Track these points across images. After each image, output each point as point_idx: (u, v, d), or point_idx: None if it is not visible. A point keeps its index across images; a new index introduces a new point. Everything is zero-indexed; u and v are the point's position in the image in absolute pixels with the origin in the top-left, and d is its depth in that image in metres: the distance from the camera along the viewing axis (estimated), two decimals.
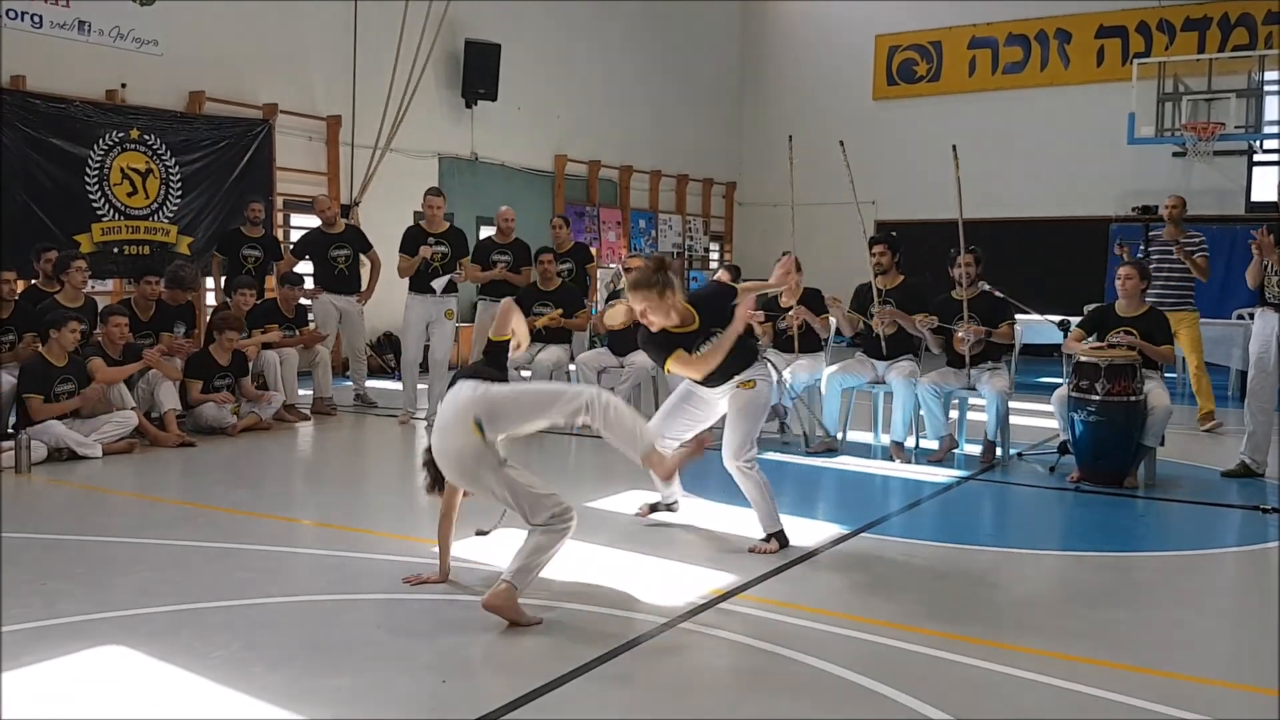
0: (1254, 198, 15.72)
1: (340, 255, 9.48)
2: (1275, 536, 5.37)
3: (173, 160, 10.57)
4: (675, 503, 5.57)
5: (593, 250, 11.21)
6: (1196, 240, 8.59)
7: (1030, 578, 4.76)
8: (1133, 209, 7.83)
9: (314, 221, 12.07)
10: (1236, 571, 4.92)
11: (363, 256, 9.67)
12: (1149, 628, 4.02)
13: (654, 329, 4.76)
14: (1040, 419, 8.39)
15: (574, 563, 4.61)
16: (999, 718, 3.08)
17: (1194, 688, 3.34)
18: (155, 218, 10.43)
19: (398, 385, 9.39)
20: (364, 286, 9.71)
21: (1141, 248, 8.80)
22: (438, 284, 8.42)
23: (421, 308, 8.61)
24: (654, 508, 5.57)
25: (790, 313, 7.73)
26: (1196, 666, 3.53)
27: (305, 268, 9.90)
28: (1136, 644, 3.79)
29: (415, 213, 13.05)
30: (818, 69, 19.15)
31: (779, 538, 4.92)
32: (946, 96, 18.01)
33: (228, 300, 8.77)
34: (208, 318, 8.90)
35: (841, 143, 7.99)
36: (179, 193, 10.62)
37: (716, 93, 19.55)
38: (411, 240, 8.62)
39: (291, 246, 10.30)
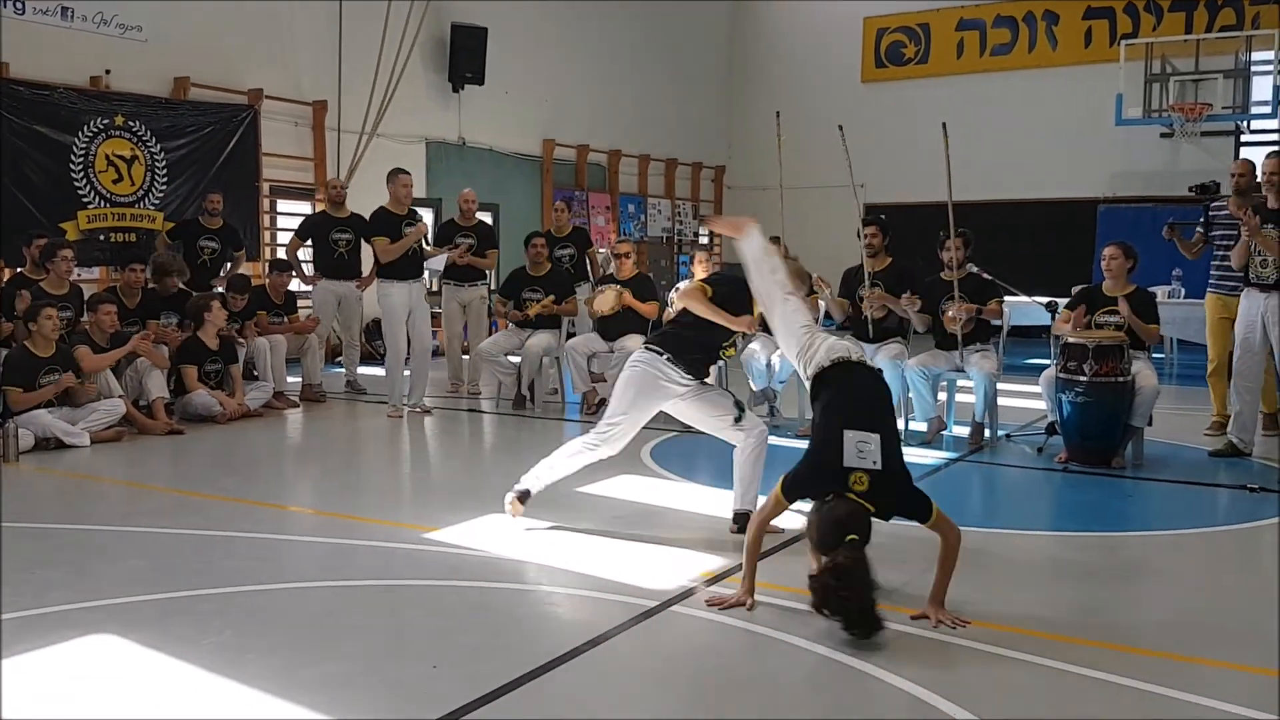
0: None
1: (342, 240, 9.38)
2: (1263, 515, 5.40)
3: (158, 146, 10.49)
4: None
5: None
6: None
7: (1018, 558, 4.78)
8: (1190, 188, 7.35)
9: (301, 207, 11.99)
10: (1225, 551, 4.95)
11: (364, 243, 9.60)
12: (1137, 607, 4.05)
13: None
14: (1028, 400, 8.41)
15: (565, 547, 4.62)
16: (986, 697, 3.10)
17: (1183, 666, 3.36)
18: (141, 205, 10.36)
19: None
20: (364, 273, 9.65)
21: (1198, 229, 7.73)
22: (436, 263, 8.19)
23: (403, 295, 8.19)
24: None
25: None
26: (1185, 645, 3.54)
27: (287, 253, 9.86)
28: (1125, 623, 3.81)
29: None
30: (806, 51, 19.10)
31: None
32: (935, 79, 17.98)
33: (223, 295, 8.67)
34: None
35: (840, 127, 7.94)
36: (165, 179, 10.55)
37: (705, 75, 19.49)
38: (386, 222, 8.21)
39: (295, 228, 10.19)
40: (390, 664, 3.32)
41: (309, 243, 9.67)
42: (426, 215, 11.87)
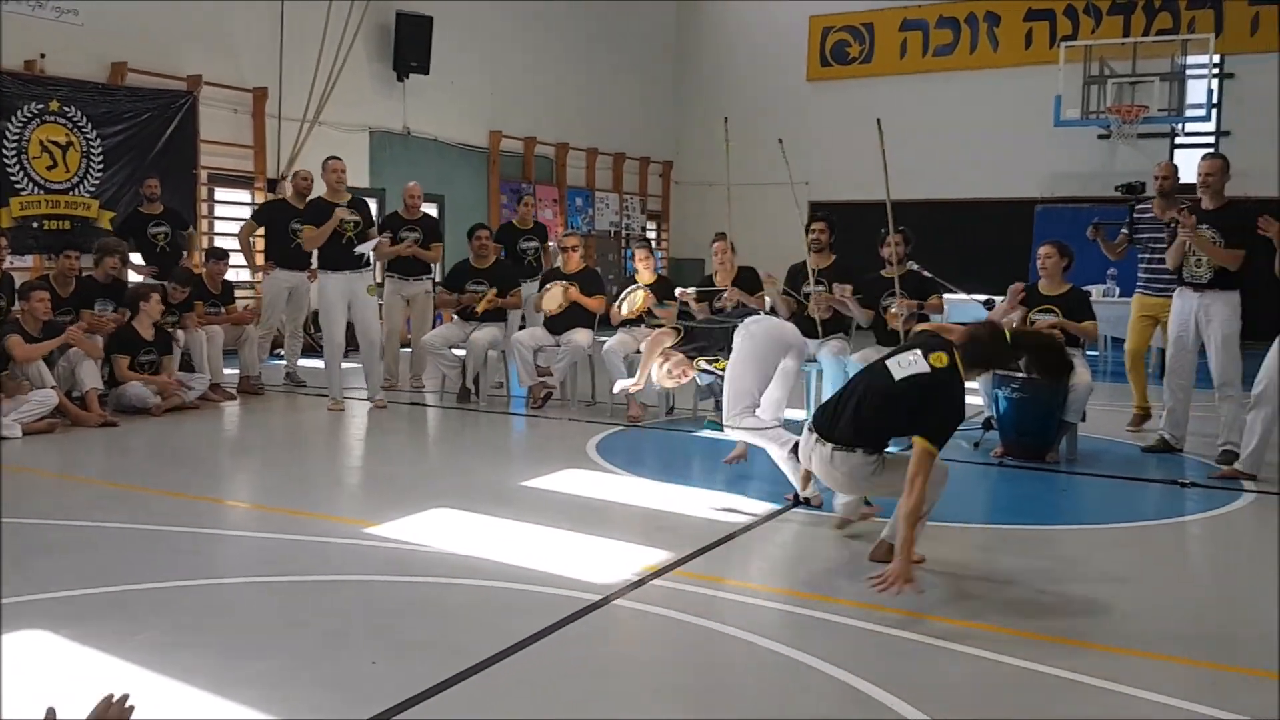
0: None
1: (299, 230, 9.27)
2: (1195, 510, 5.54)
3: (94, 133, 10.28)
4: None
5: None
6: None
7: (954, 551, 4.84)
8: (1116, 188, 7.48)
9: (240, 195, 11.83)
10: (1156, 545, 5.05)
11: None
12: (1070, 600, 4.12)
13: None
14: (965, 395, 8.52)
15: (509, 541, 4.60)
16: (930, 691, 3.14)
17: (1114, 658, 3.41)
18: (76, 192, 10.14)
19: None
20: (315, 264, 9.56)
21: (1122, 231, 7.81)
22: (365, 248, 8.07)
23: (340, 285, 8.04)
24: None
25: (725, 294, 7.76)
26: (1117, 637, 3.61)
27: (228, 242, 9.69)
28: (1058, 615, 3.88)
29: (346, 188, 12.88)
30: (753, 48, 19.21)
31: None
32: (878, 78, 18.17)
33: (164, 286, 8.49)
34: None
35: (780, 140, 7.99)
36: (100, 166, 10.34)
37: (653, 70, 19.51)
38: (318, 211, 8.09)
39: (252, 212, 10.05)
40: (328, 660, 3.29)
41: (261, 230, 9.55)
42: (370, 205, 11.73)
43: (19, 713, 2.91)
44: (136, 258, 9.25)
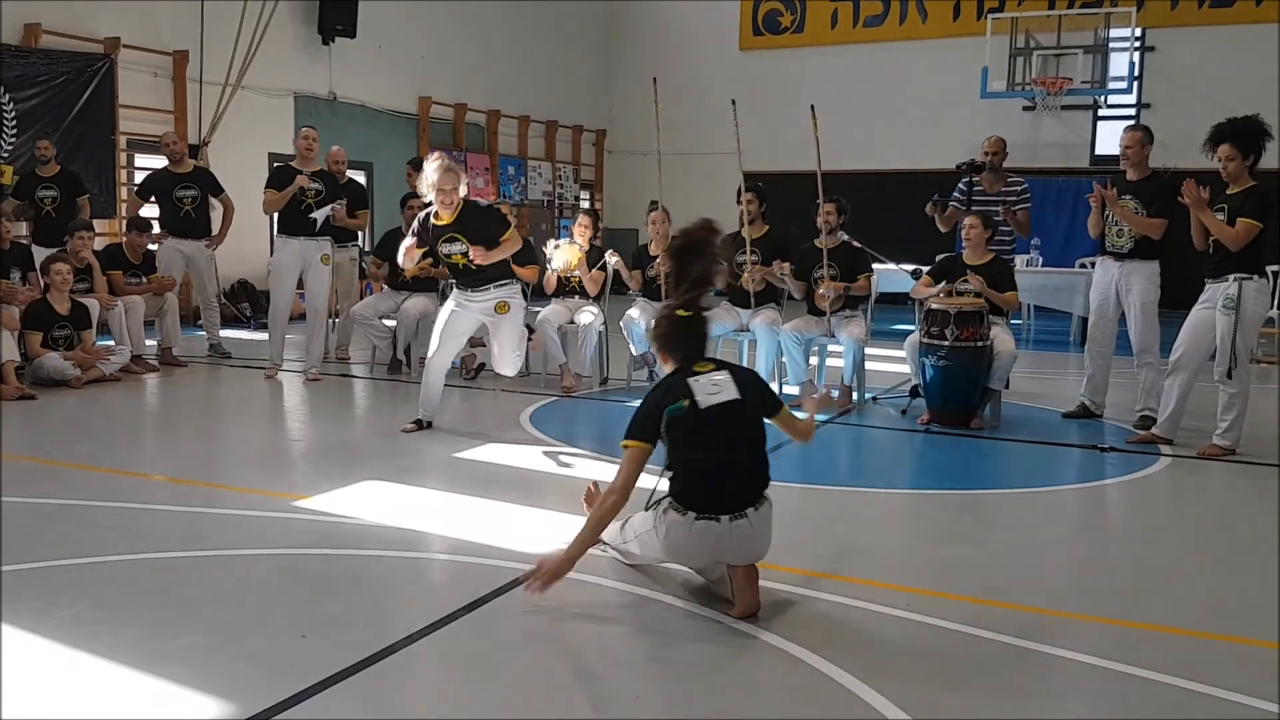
0: (1098, 151, 16.46)
1: (186, 196, 9.10)
2: (1113, 473, 5.70)
3: (6, 97, 9.94)
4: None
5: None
6: (1017, 189, 7.79)
7: (882, 515, 4.94)
8: (958, 166, 7.57)
9: (160, 162, 11.60)
10: (1077, 507, 5.19)
11: (213, 200, 9.30)
12: (995, 562, 4.22)
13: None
14: (894, 364, 8.66)
15: (441, 513, 4.58)
16: (853, 649, 3.19)
17: (1035, 618, 3.51)
18: None
19: (253, 335, 9.07)
20: (214, 231, 9.37)
21: (952, 204, 8.02)
22: (319, 214, 7.97)
23: (294, 251, 7.99)
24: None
25: (658, 260, 7.77)
26: (1039, 598, 3.71)
27: (152, 210, 9.46)
28: (983, 577, 3.97)
29: (270, 154, 12.61)
30: (687, 18, 19.12)
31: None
32: (810, 48, 18.22)
33: (63, 249, 8.26)
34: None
35: (734, 101, 7.98)
36: (14, 131, 10.01)
37: (586, 38, 19.34)
38: (281, 175, 8.02)
39: (135, 188, 9.83)
40: (256, 635, 3.24)
41: (153, 200, 9.34)
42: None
43: None
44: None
